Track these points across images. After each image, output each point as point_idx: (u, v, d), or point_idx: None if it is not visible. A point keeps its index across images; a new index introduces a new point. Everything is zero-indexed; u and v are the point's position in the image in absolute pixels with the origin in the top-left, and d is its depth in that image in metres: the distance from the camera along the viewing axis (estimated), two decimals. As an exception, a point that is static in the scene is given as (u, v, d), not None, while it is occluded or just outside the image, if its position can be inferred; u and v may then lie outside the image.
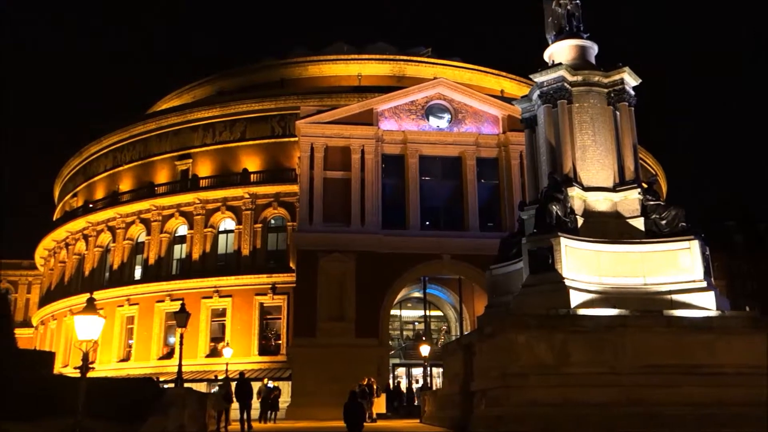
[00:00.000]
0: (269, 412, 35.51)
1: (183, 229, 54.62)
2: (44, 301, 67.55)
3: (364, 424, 22.07)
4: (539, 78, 23.79)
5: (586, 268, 20.33)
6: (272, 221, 53.28)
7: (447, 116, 47.82)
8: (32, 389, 20.21)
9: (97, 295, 14.58)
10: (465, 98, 48.28)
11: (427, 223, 46.00)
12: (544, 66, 24.44)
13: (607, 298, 19.87)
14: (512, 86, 65.52)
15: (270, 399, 35.59)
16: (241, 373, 34.58)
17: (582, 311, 19.16)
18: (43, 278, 72.88)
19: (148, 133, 59.78)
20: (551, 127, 23.36)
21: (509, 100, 46.78)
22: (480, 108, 48.20)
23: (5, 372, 21.13)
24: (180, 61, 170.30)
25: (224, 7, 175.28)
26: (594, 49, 24.96)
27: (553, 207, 20.84)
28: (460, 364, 22.37)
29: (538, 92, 24.09)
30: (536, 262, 20.33)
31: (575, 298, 19.42)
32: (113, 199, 59.28)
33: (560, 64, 23.65)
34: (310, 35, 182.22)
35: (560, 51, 24.73)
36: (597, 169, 22.91)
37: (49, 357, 28.35)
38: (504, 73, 67.33)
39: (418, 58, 66.25)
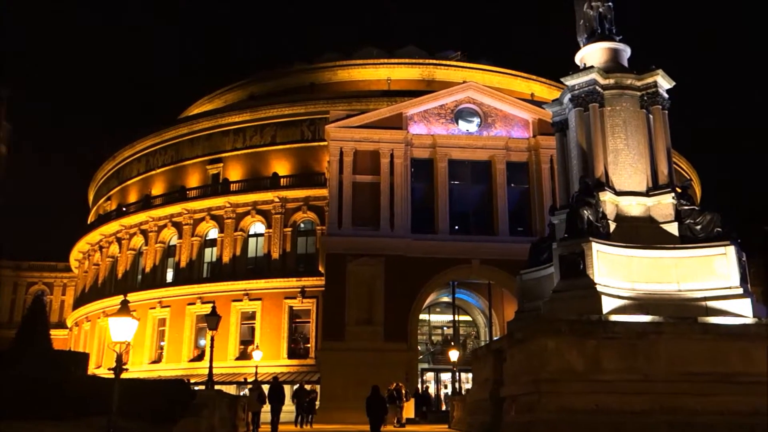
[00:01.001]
0: (305, 415, 34.68)
1: (214, 233, 55.22)
2: (78, 302, 68.78)
3: (394, 429, 22.23)
4: (570, 81, 23.56)
5: (619, 274, 20.05)
6: (302, 225, 53.59)
7: (476, 120, 47.66)
8: (67, 390, 20.59)
9: (130, 297, 14.85)
10: (495, 102, 48.07)
11: (457, 227, 45.84)
12: (575, 69, 24.19)
13: (640, 304, 19.56)
14: (542, 90, 65.06)
15: (306, 402, 34.88)
16: (275, 377, 34.90)
17: (614, 317, 18.89)
18: (77, 280, 74.22)
19: (180, 137, 60.65)
20: (583, 131, 23.11)
21: (540, 104, 46.45)
22: (510, 112, 47.94)
23: (41, 372, 21.57)
24: (212, 66, 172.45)
25: (256, 14, 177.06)
26: (627, 51, 24.64)
27: (585, 211, 20.59)
28: (489, 369, 22.22)
29: (569, 96, 23.86)
30: (567, 267, 20.09)
31: (607, 304, 19.17)
32: (146, 202, 60.18)
33: (592, 67, 23.39)
34: (340, 40, 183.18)
35: (592, 54, 24.47)
36: (629, 174, 22.60)
37: (83, 358, 28.89)
38: (534, 77, 66.94)
39: (448, 62, 66.15)
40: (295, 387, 36.58)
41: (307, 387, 37.84)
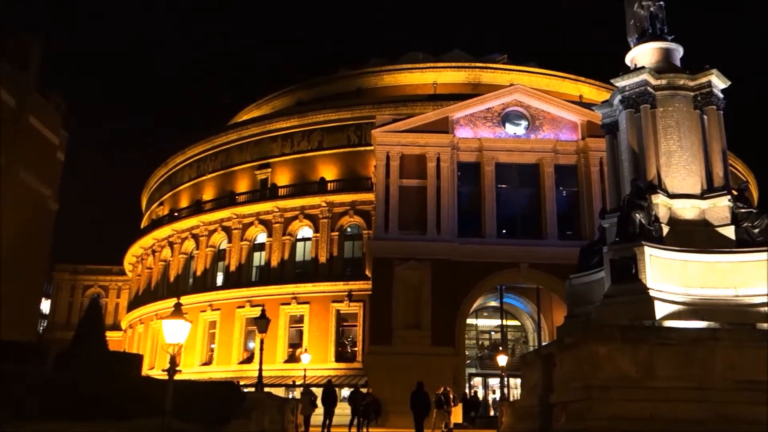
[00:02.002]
0: (362, 419, 32.15)
1: (262, 237, 56.00)
2: (132, 305, 70.55)
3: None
4: (621, 82, 23.14)
5: (672, 279, 19.56)
6: (348, 229, 53.90)
7: (524, 123, 47.20)
8: (122, 390, 21.11)
9: (182, 300, 15.16)
10: (542, 104, 47.54)
11: (504, 231, 45.46)
12: (625, 70, 23.75)
13: (695, 309, 19.04)
14: (591, 91, 64.07)
15: (362, 405, 32.59)
16: (328, 381, 35.38)
17: (668, 323, 18.45)
18: (131, 283, 76.17)
19: (229, 143, 61.75)
20: (634, 133, 22.66)
21: (588, 106, 45.83)
22: (558, 114, 47.35)
23: (97, 373, 22.18)
24: (261, 73, 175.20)
25: (304, 20, 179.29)
26: (679, 51, 24.08)
27: (636, 215, 20.17)
28: (538, 375, 21.91)
29: (619, 97, 23.42)
30: (619, 271, 19.71)
31: (660, 310, 18.72)
32: (196, 207, 61.41)
33: (643, 67, 22.92)
34: (386, 45, 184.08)
35: (643, 54, 23.98)
36: (683, 176, 22.04)
37: (137, 359, 29.58)
38: (582, 78, 65.99)
39: (494, 65, 65.74)
40: (351, 390, 35.52)
41: (363, 390, 35.65)
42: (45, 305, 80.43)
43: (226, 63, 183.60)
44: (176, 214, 63.93)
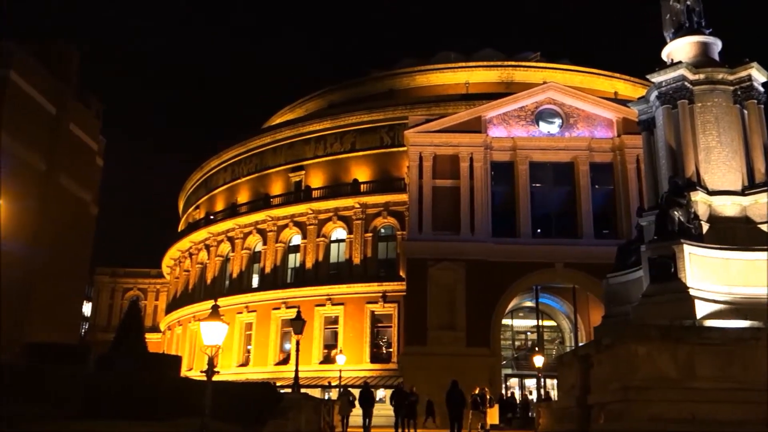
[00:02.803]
0: (406, 419, 30.70)
1: (297, 239, 56.38)
2: (170, 307, 71.64)
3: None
4: (657, 78, 22.74)
5: (713, 277, 19.15)
6: (382, 230, 53.94)
7: (558, 121, 46.70)
8: (161, 391, 21.47)
9: (219, 302, 15.36)
10: (576, 102, 46.98)
11: (539, 230, 45.02)
12: (662, 65, 23.33)
13: (736, 309, 18.62)
14: (626, 88, 63.12)
15: (406, 404, 31.04)
16: (366, 383, 35.60)
17: (709, 322, 18.07)
18: (169, 286, 77.38)
19: (263, 146, 62.34)
20: (671, 129, 22.25)
21: (624, 102, 45.14)
22: (592, 111, 46.73)
23: (137, 374, 22.60)
24: (294, 76, 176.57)
25: (335, 23, 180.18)
26: (717, 45, 23.57)
27: (675, 212, 19.80)
28: (576, 376, 21.65)
29: (656, 93, 23.03)
30: (657, 270, 19.36)
31: (701, 309, 18.35)
32: (232, 210, 62.12)
33: (680, 62, 22.50)
34: (418, 45, 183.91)
35: (679, 49, 23.54)
36: (723, 172, 21.57)
37: (176, 360, 30.06)
38: (617, 75, 65.05)
39: (527, 63, 65.18)
40: (392, 389, 34.57)
41: (407, 389, 33.80)
42: (86, 308, 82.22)
43: (260, 67, 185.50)
44: (212, 217, 64.74)
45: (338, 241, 54.97)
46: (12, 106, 50.27)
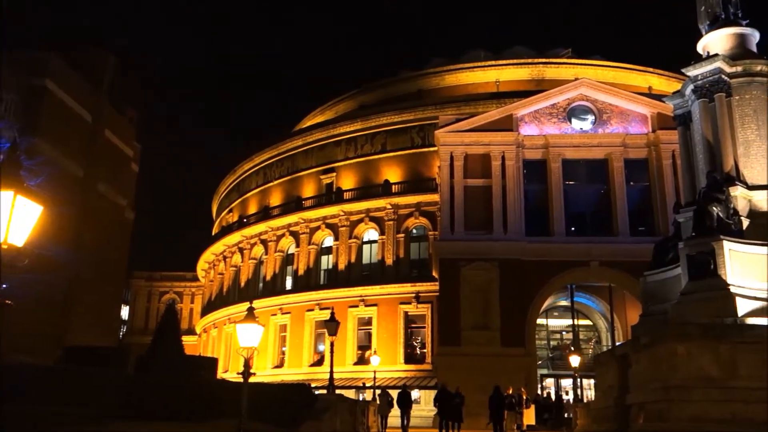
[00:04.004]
0: (451, 421, 29.11)
1: (329, 241, 56.62)
2: (206, 310, 72.53)
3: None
4: (693, 71, 22.28)
5: (754, 274, 18.68)
6: (414, 231, 53.88)
7: (590, 117, 46.11)
8: (198, 392, 21.73)
9: (253, 304, 15.52)
10: (609, 98, 46.32)
11: (573, 228, 44.48)
12: (697, 58, 22.85)
13: (779, 306, 18.14)
14: (660, 82, 62.08)
15: (451, 405, 29.39)
16: (404, 385, 36.41)
17: (750, 320, 17.65)
18: (204, 289, 78.34)
19: (294, 149, 62.77)
20: (708, 123, 21.79)
21: (658, 97, 44.40)
22: (626, 107, 46.04)
23: (175, 376, 22.90)
24: (324, 78, 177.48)
25: (364, 23, 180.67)
26: (755, 36, 23.00)
27: (714, 208, 19.38)
28: (614, 375, 21.34)
29: (691, 86, 22.57)
30: (696, 267, 18.97)
31: (742, 306, 17.93)
32: (265, 213, 62.65)
33: (716, 55, 22.02)
34: (447, 45, 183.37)
35: (716, 41, 23.03)
36: (763, 166, 21.03)
37: (212, 362, 30.39)
38: (651, 69, 63.99)
39: (558, 60, 64.54)
40: (436, 390, 33.63)
41: (451, 389, 32.14)
42: (124, 311, 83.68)
43: (290, 71, 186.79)
44: (245, 220, 65.37)
45: (370, 242, 55.04)
46: (49, 115, 51.43)
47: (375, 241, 54.58)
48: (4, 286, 6.71)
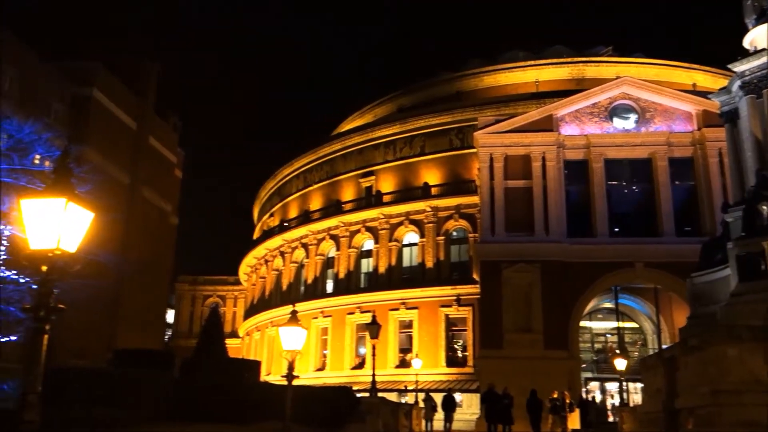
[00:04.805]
0: (502, 424, 28.30)
1: (369, 244, 56.73)
2: (248, 313, 73.37)
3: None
4: (739, 67, 21.76)
5: (808, 274, 18.13)
6: (454, 233, 53.65)
7: (633, 116, 45.29)
8: (242, 395, 22.00)
9: (295, 307, 15.67)
10: (652, 96, 45.43)
11: (617, 229, 43.71)
12: (744, 54, 22.31)
13: (835, 307, 17.54)
14: (705, 79, 60.64)
15: (500, 408, 28.44)
16: (449, 389, 37.20)
17: (805, 322, 17.10)
18: (246, 292, 79.27)
19: (334, 153, 63.11)
20: (756, 120, 21.24)
21: (704, 94, 43.40)
22: (670, 105, 45.09)
23: (219, 379, 23.23)
24: (363, 82, 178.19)
25: (402, 27, 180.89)
26: (804, 29, 22.31)
27: (764, 207, 18.88)
28: (661, 379, 20.92)
29: (738, 82, 22.03)
30: (746, 268, 18.50)
31: (796, 308, 17.39)
32: (305, 217, 63.13)
33: (763, 49, 21.46)
34: (485, 46, 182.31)
35: (762, 35, 22.40)
36: (815, 163, 20.41)
37: (255, 365, 30.64)
38: (695, 66, 62.59)
39: (598, 58, 63.57)
40: (484, 392, 32.34)
41: (498, 390, 31.29)
42: (169, 315, 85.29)
43: (329, 75, 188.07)
44: (286, 224, 65.96)
45: (410, 245, 54.98)
46: (96, 123, 52.82)
47: (415, 244, 54.51)
48: (57, 290, 6.90)
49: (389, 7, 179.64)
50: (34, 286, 25.31)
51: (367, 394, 29.13)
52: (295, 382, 15.00)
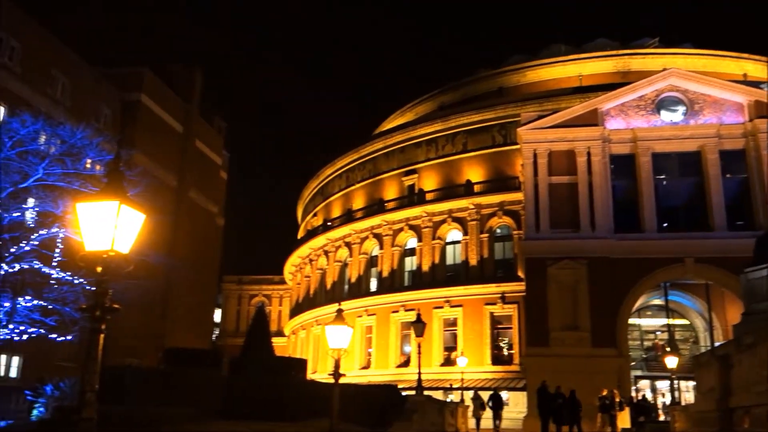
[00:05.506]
0: (571, 423, 27.56)
1: (412, 242, 56.73)
2: (294, 312, 74.17)
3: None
4: (793, 55, 21.03)
5: None
6: (498, 230, 53.26)
7: (681, 108, 44.21)
8: (290, 393, 22.25)
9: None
10: (701, 87, 44.25)
11: (665, 224, 42.74)
12: (798, 41, 21.56)
13: None
14: (756, 68, 58.77)
15: (554, 407, 27.79)
16: (496, 387, 38.13)
17: None
18: (291, 291, 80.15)
19: (376, 152, 63.29)
20: (812, 109, 20.51)
21: (756, 84, 42.22)
22: (720, 96, 43.86)
23: (267, 377, 23.54)
24: (404, 81, 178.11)
25: (442, 24, 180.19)
26: None
27: (821, 199, 18.24)
28: (714, 377, 20.37)
29: (792, 71, 21.31)
30: (803, 263, 17.88)
31: None
32: (348, 216, 63.49)
33: (820, 36, 20.72)
34: (526, 41, 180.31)
35: (818, 21, 21.66)
36: None
37: (302, 364, 31.04)
38: (745, 55, 60.76)
39: (644, 50, 62.30)
40: (537, 389, 31.39)
41: (551, 389, 30.06)
42: (216, 314, 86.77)
43: (370, 74, 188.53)
44: (329, 223, 66.43)
45: (453, 242, 54.79)
46: (144, 127, 54.06)
47: (458, 242, 54.29)
48: (111, 291, 7.09)
49: (431, 6, 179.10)
50: (88, 287, 26.10)
51: (412, 393, 29.14)
52: (341, 381, 15.12)
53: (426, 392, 35.85)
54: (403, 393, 34.87)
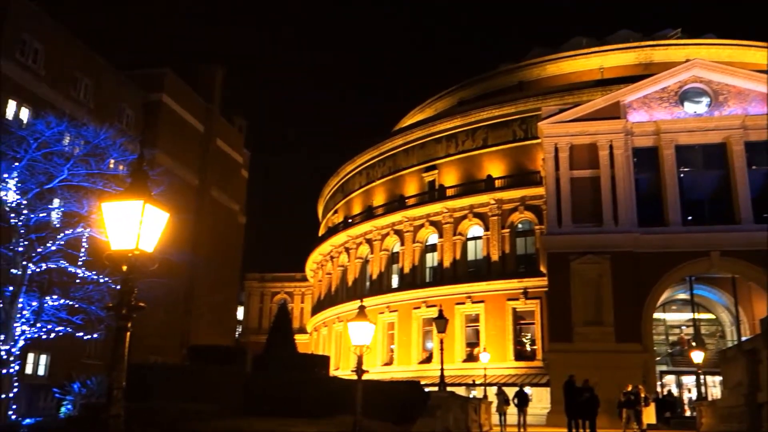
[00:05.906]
0: (580, 419, 26.48)
1: (433, 238, 56.62)
2: (315, 309, 74.45)
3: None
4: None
5: None
6: (519, 225, 52.96)
7: (705, 100, 43.59)
8: (313, 390, 22.33)
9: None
10: (725, 77, 43.59)
11: (690, 218, 42.19)
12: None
13: None
14: (782, 58, 57.74)
15: (580, 401, 26.44)
16: (521, 383, 38.06)
17: None
18: (313, 289, 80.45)
19: (396, 148, 63.22)
20: (841, 98, 20.09)
21: (781, 74, 41.41)
22: (744, 86, 43.16)
23: (289, 374, 23.65)
24: (423, 77, 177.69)
25: (461, 19, 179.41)
26: None
27: None
28: (742, 372, 20.10)
29: (820, 60, 20.89)
30: (833, 255, 17.56)
31: None
32: (368, 213, 63.52)
33: None
34: (546, 35, 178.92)
35: None
36: None
37: (325, 360, 31.07)
38: (771, 44, 59.67)
39: (666, 42, 61.51)
40: (564, 383, 29.64)
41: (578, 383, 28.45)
42: (239, 311, 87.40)
43: (389, 71, 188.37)
44: (350, 220, 66.52)
45: (475, 238, 54.59)
46: (166, 127, 54.53)
47: (479, 237, 54.08)
48: (136, 290, 7.15)
49: (451, 2, 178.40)
50: (114, 286, 26.41)
51: (435, 389, 29.08)
52: (364, 377, 15.13)
53: (449, 388, 35.80)
54: (426, 389, 34.89)
